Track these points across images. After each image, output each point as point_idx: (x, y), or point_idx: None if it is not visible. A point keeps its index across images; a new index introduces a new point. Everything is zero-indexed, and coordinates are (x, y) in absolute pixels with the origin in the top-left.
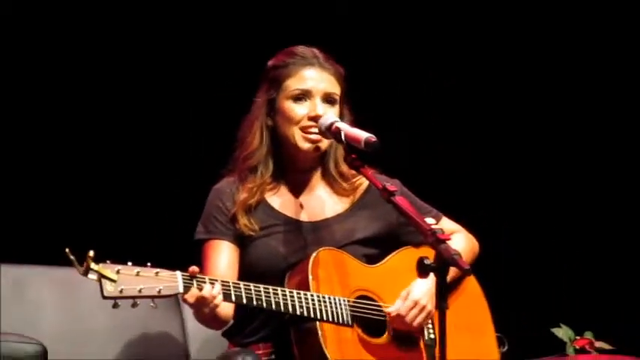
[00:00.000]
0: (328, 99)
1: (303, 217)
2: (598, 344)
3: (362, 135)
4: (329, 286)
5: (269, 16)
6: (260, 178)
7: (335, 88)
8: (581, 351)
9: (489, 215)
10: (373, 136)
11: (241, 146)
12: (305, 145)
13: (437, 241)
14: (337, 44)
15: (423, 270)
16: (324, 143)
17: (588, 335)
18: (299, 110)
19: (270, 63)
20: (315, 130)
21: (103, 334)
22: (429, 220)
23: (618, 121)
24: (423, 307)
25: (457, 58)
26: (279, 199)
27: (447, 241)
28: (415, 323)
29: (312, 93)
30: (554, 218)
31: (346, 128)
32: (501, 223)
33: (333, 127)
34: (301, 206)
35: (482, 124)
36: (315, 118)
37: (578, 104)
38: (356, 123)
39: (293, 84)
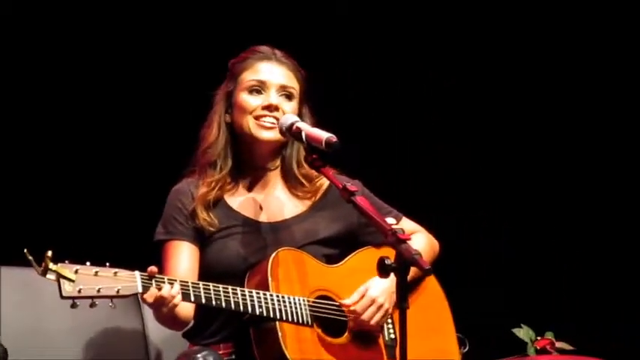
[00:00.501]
0: (284, 92)
1: (262, 217)
2: (559, 344)
3: (323, 135)
4: (288, 286)
5: (269, 16)
6: (219, 173)
7: (292, 83)
8: (542, 351)
9: (450, 211)
10: (334, 136)
11: (201, 142)
12: (260, 133)
13: (397, 241)
14: (337, 44)
15: (383, 270)
16: (278, 132)
17: (549, 335)
18: (253, 101)
19: (230, 61)
20: (270, 120)
21: (64, 335)
22: (390, 220)
23: (615, 122)
24: (381, 306)
25: (457, 58)
26: (238, 199)
27: (408, 241)
28: (373, 322)
29: (267, 84)
30: (515, 219)
31: (307, 128)
32: (464, 222)
33: (294, 127)
34: (260, 207)
35: (482, 124)
36: (269, 108)
37: (576, 104)
38: (318, 124)
39: (248, 76)
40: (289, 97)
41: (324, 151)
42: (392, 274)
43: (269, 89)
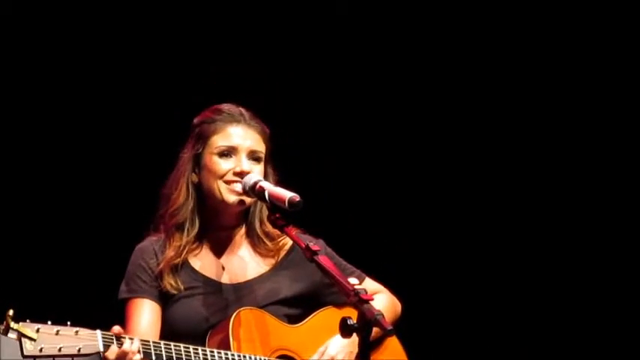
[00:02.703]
0: (253, 156)
1: (225, 278)
2: None
3: (286, 194)
4: (250, 346)
5: (269, 16)
6: (186, 236)
7: (260, 146)
8: None
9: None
10: (297, 195)
11: (167, 203)
12: (230, 198)
13: (360, 301)
14: (337, 44)
15: (346, 330)
16: (249, 198)
17: None
18: (224, 165)
19: (196, 120)
20: (239, 185)
21: None
22: (352, 280)
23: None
24: None
25: (457, 57)
26: (201, 261)
27: (370, 301)
28: None
29: (238, 149)
30: (489, 273)
31: (270, 187)
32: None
33: (257, 186)
34: (223, 268)
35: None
36: (240, 174)
37: (574, 111)
38: (280, 182)
39: (219, 140)
40: (257, 160)
41: (287, 210)
42: (354, 334)
43: (239, 154)
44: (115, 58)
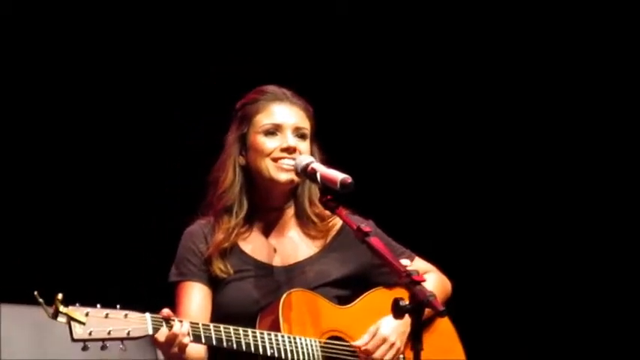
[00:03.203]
0: (299, 133)
1: (275, 260)
2: None
3: (338, 176)
4: (300, 328)
5: (269, 16)
6: (235, 219)
7: (305, 123)
8: None
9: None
10: (349, 177)
11: (215, 186)
12: (279, 175)
13: (412, 282)
14: (337, 44)
15: (398, 311)
16: (298, 176)
17: None
18: (270, 143)
19: (239, 103)
20: (289, 161)
21: None
22: (404, 262)
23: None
24: (392, 344)
25: (456, 57)
26: (250, 244)
27: (422, 283)
28: None
29: (283, 127)
30: (532, 263)
31: (322, 169)
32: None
33: (309, 167)
34: (273, 250)
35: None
36: (287, 150)
37: (582, 112)
38: (327, 162)
39: (263, 118)
40: (303, 137)
41: (339, 192)
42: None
43: (284, 131)
44: (116, 56)
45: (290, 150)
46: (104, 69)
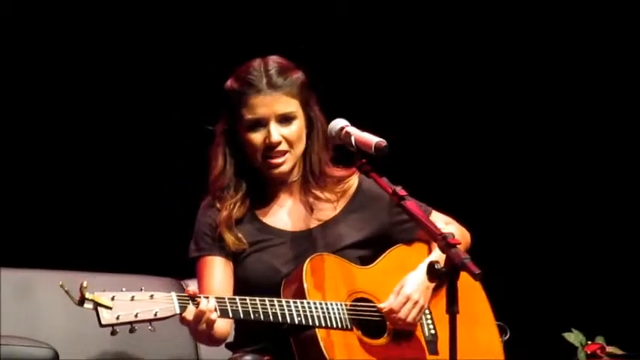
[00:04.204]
0: (284, 119)
1: (292, 227)
2: (609, 349)
3: (372, 140)
4: (325, 292)
5: (269, 16)
6: (234, 195)
7: (290, 106)
8: (593, 356)
9: (502, 217)
10: (383, 140)
11: (210, 169)
12: (271, 172)
13: (447, 245)
14: (337, 44)
15: (433, 274)
16: (289, 162)
17: (600, 340)
18: (256, 139)
19: (226, 85)
20: (277, 158)
21: (113, 340)
22: (439, 225)
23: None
24: (416, 302)
25: (455, 58)
26: (267, 212)
27: (457, 245)
28: (409, 319)
29: (265, 119)
30: (567, 221)
31: (356, 133)
32: (514, 226)
33: (344, 131)
34: (289, 216)
35: (492, 124)
36: (271, 145)
37: (602, 107)
38: (328, 119)
39: (245, 113)
40: (290, 120)
41: (373, 156)
42: (421, 268)
43: (268, 122)
44: (116, 56)
45: (273, 146)
46: (104, 69)
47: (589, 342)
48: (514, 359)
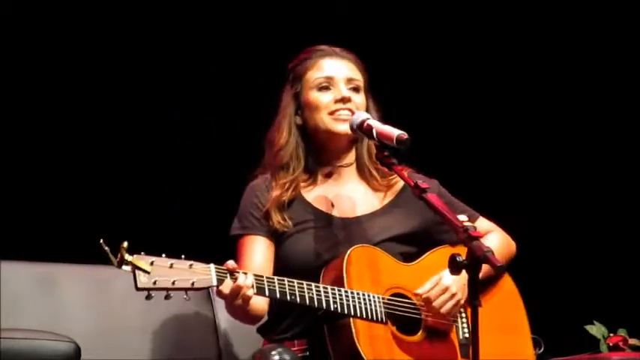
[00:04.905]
0: (352, 85)
1: (338, 212)
2: (632, 341)
3: (393, 132)
4: (363, 283)
5: (269, 16)
6: (292, 174)
7: (357, 75)
8: (615, 348)
9: (523, 212)
10: (405, 133)
11: (271, 146)
12: (337, 126)
13: (469, 237)
14: (337, 44)
15: (455, 266)
16: None
17: (622, 332)
18: (324, 97)
19: (290, 65)
20: (345, 112)
21: (135, 331)
22: (462, 217)
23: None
24: (453, 295)
25: (454, 58)
26: (314, 194)
27: (480, 238)
28: (444, 310)
29: (335, 79)
30: (588, 214)
31: (378, 125)
32: (536, 220)
33: (365, 124)
34: (336, 201)
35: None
36: (342, 100)
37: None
38: (384, 119)
39: (314, 74)
40: (357, 89)
41: (396, 148)
42: (463, 271)
43: (337, 84)
44: (116, 56)
45: (345, 100)
46: (104, 69)
47: (611, 334)
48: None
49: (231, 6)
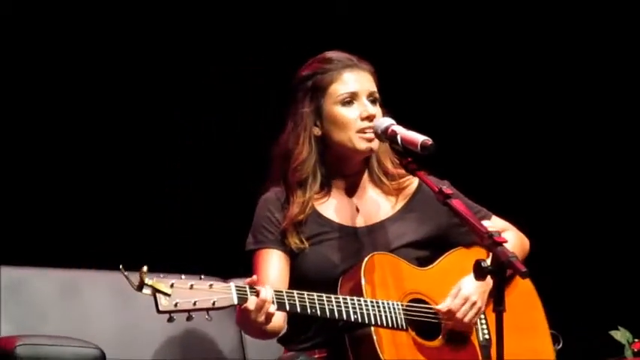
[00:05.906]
0: (372, 98)
1: (358, 222)
2: None
3: (418, 138)
4: (382, 291)
5: (268, 16)
6: (309, 192)
7: (375, 87)
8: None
9: (548, 215)
10: (429, 139)
11: (289, 159)
12: (363, 146)
13: (494, 243)
14: (337, 44)
15: (480, 272)
16: (376, 143)
17: None
18: (350, 113)
19: (304, 72)
20: (371, 130)
21: (159, 339)
22: (486, 223)
23: None
24: (474, 304)
25: (456, 57)
26: (330, 207)
27: (504, 244)
28: (466, 319)
29: (359, 94)
30: (613, 218)
31: (402, 131)
32: (560, 224)
33: (390, 130)
34: (357, 210)
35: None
36: (369, 118)
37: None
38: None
39: (339, 89)
40: (376, 101)
41: (419, 154)
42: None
43: (361, 98)
44: (116, 56)
45: (371, 118)
46: (104, 69)
47: (636, 340)
48: (562, 356)
49: (231, 6)
